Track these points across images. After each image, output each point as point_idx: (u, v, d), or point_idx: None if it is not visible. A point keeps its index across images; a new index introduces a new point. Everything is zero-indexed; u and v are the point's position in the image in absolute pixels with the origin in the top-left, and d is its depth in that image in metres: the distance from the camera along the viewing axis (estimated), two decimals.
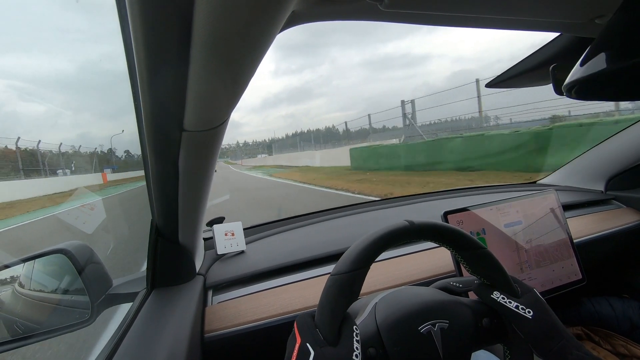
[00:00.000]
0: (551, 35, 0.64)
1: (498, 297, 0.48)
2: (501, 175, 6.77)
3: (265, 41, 0.32)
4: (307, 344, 0.40)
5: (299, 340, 0.41)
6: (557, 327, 0.46)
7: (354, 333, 0.41)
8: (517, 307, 0.47)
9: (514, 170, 6.72)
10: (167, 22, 0.29)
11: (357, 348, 0.39)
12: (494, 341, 0.49)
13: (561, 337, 0.45)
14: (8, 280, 0.72)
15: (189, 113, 0.41)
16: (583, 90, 0.29)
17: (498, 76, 0.79)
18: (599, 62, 0.25)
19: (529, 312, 0.46)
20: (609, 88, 0.31)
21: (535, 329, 0.45)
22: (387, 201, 1.42)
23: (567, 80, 0.28)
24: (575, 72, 0.27)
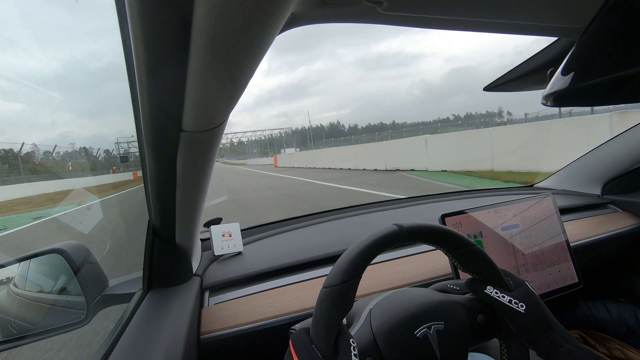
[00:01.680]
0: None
1: (491, 292, 0.48)
2: None
3: (264, 43, 0.32)
4: None
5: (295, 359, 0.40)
6: (549, 319, 0.47)
7: (352, 347, 0.40)
8: (510, 301, 0.47)
9: None
10: (166, 23, 0.29)
11: None
12: (490, 337, 0.50)
13: (552, 329, 0.46)
14: (3, 280, 0.71)
15: (187, 114, 0.41)
16: (561, 99, 0.29)
17: (496, 80, 0.79)
18: (577, 75, 0.26)
19: (521, 306, 0.46)
20: (587, 96, 0.31)
21: (528, 323, 0.46)
22: (385, 203, 1.42)
23: (547, 90, 0.28)
24: (556, 82, 0.27)
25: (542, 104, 0.31)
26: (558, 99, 0.29)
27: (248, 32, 0.29)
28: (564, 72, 0.26)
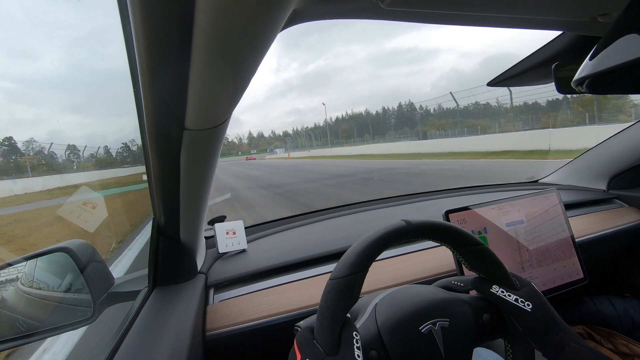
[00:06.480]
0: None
1: (497, 291, 0.48)
2: None
3: (266, 39, 0.32)
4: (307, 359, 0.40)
5: (298, 357, 0.41)
6: (555, 319, 0.46)
7: (354, 339, 0.40)
8: (516, 300, 0.47)
9: None
10: (168, 20, 0.29)
11: (358, 356, 0.39)
12: (495, 336, 0.49)
13: (559, 329, 0.45)
14: (11, 278, 0.72)
15: (190, 111, 0.41)
16: (594, 84, 0.29)
17: (499, 75, 0.78)
18: (610, 57, 0.25)
19: (528, 304, 0.46)
20: (620, 82, 0.31)
21: (534, 322, 0.46)
22: (388, 200, 1.42)
23: (577, 75, 0.28)
24: (585, 67, 0.27)
25: (577, 90, 0.31)
26: (591, 84, 0.28)
27: (250, 29, 0.29)
28: (596, 54, 0.26)
